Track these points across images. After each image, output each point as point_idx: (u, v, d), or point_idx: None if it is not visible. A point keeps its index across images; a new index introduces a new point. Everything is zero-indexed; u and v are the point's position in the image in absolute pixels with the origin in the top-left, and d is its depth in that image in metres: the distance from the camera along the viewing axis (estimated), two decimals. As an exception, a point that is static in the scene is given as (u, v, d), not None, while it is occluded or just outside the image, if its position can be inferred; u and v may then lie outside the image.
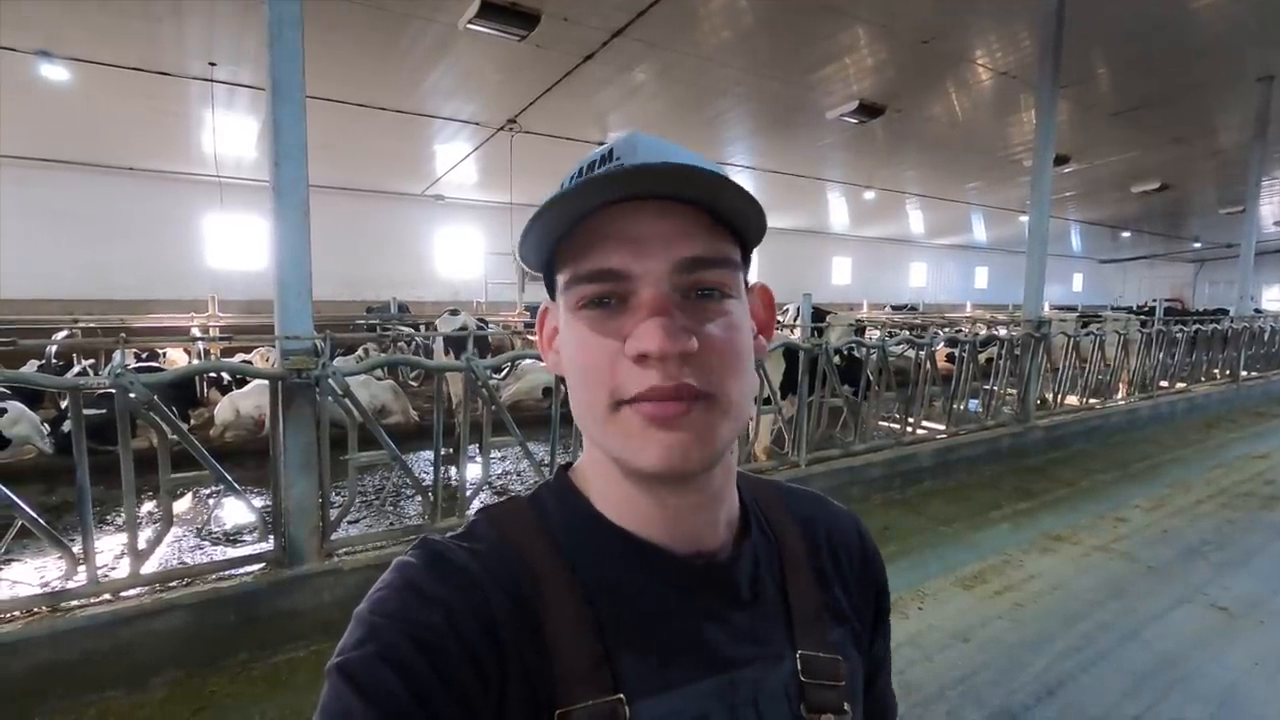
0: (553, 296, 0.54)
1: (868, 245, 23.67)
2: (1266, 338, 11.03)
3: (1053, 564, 4.05)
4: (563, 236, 0.48)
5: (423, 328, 7.88)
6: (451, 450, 4.78)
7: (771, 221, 0.51)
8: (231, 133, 9.80)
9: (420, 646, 0.44)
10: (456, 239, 16.18)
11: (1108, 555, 4.17)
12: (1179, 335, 8.93)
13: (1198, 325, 9.33)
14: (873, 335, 9.33)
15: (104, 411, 4.09)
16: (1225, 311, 12.50)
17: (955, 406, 6.18)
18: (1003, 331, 7.30)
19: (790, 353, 5.14)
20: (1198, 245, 26.11)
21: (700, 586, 0.52)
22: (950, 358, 7.83)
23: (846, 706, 0.54)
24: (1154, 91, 9.32)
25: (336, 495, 3.39)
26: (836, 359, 5.32)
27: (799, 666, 0.53)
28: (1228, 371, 10.02)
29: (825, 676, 0.53)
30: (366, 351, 8.94)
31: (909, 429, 5.82)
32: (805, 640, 0.54)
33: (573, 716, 0.45)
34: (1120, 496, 5.38)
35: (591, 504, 0.54)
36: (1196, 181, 15.47)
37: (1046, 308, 7.58)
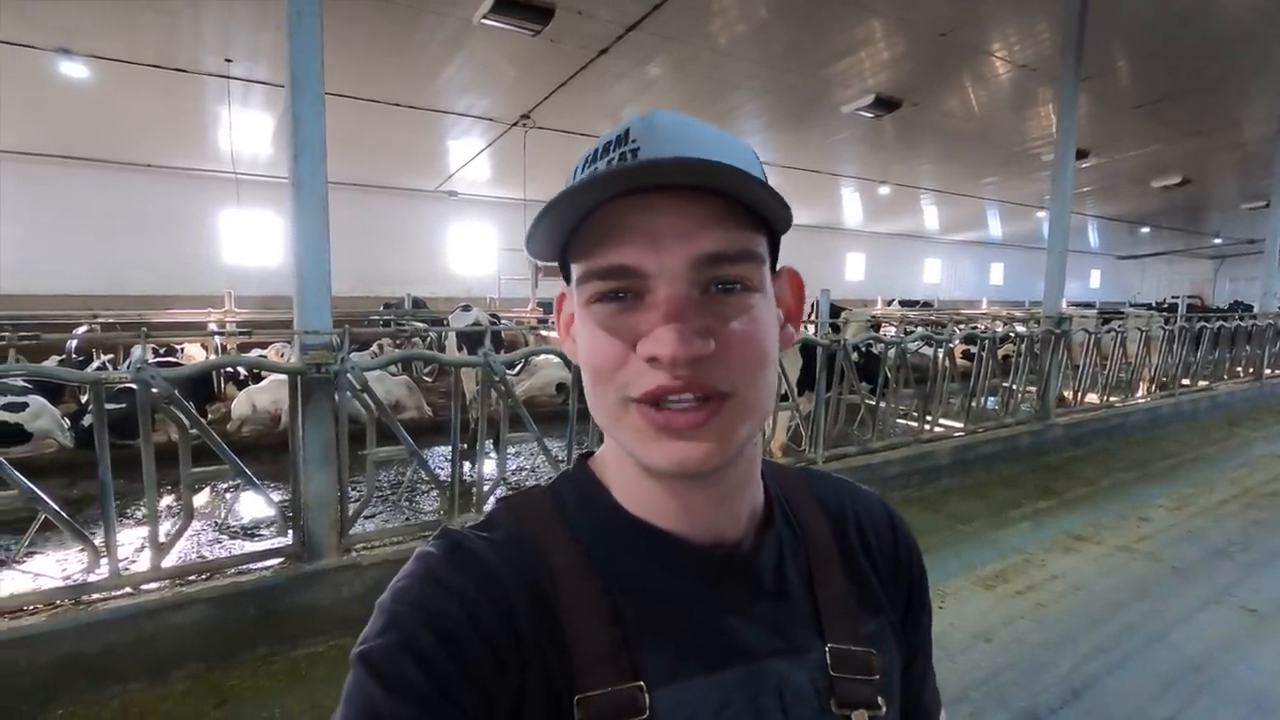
0: (568, 283, 0.52)
1: (882, 241, 23.46)
2: (1291, 335, 10.83)
3: (1075, 564, 3.99)
4: (576, 227, 0.46)
5: (446, 322, 7.90)
6: (467, 446, 4.79)
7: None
8: (248, 129, 9.84)
9: (440, 636, 0.44)
10: (470, 235, 16.19)
11: (1131, 555, 4.11)
12: (1202, 332, 8.78)
13: (1221, 322, 9.17)
14: (888, 331, 9.25)
15: (124, 406, 4.11)
16: (1249, 307, 12.27)
17: (974, 404, 6.11)
18: (1021, 328, 7.21)
19: (808, 349, 5.10)
20: (1219, 241, 25.68)
21: (721, 577, 0.51)
22: (968, 354, 7.75)
23: (880, 701, 0.51)
24: (1177, 84, 9.12)
25: (354, 490, 3.39)
26: (854, 356, 5.27)
27: (828, 660, 0.51)
28: (1251, 369, 9.85)
29: (857, 670, 0.51)
30: (381, 347, 8.97)
31: (927, 426, 5.76)
32: (835, 633, 0.53)
33: (592, 703, 0.45)
34: (1142, 496, 5.30)
35: (610, 494, 0.53)
36: (1218, 176, 15.17)
37: (1064, 304, 7.47)
